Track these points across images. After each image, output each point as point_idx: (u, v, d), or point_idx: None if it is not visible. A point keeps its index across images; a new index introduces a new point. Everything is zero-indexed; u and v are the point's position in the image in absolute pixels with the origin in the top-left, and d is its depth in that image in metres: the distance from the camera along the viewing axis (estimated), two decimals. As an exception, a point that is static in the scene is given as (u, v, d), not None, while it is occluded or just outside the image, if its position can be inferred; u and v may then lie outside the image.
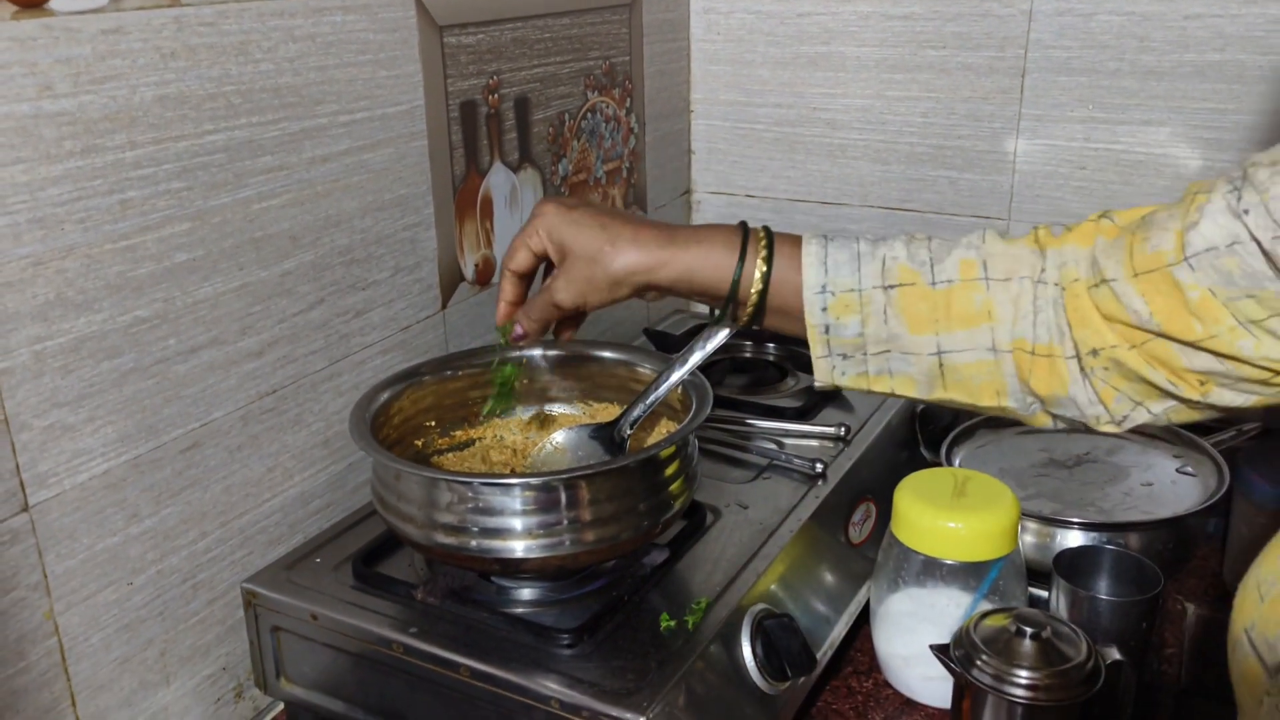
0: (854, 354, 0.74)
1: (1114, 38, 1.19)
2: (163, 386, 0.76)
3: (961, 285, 0.71)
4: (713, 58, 1.42)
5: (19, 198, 0.65)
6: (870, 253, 0.73)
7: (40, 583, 0.70)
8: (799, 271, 0.73)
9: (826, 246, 0.73)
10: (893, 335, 0.72)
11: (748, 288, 0.74)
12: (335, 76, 0.85)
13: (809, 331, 0.74)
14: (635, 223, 0.77)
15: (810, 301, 0.72)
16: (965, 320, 0.71)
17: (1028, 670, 0.72)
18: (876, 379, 0.74)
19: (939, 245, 0.73)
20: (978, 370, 0.72)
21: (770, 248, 0.74)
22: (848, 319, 0.72)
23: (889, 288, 0.72)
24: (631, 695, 0.68)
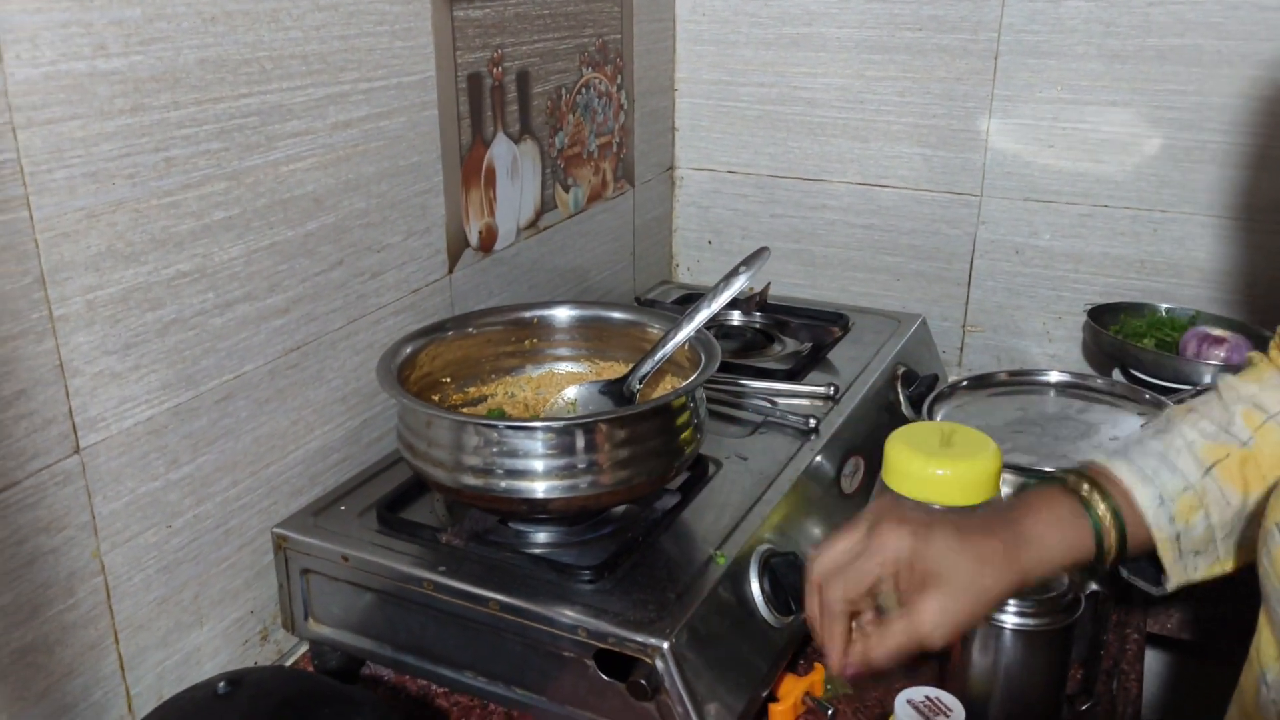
0: (1205, 548, 0.72)
1: (1082, 23, 1.26)
2: (201, 338, 0.79)
3: (1258, 434, 0.72)
4: (697, 37, 1.47)
5: (75, 152, 0.68)
6: (1171, 445, 0.73)
7: (89, 523, 0.73)
8: (1131, 502, 0.71)
9: (1132, 462, 0.72)
10: (1236, 513, 0.71)
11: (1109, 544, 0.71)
12: (356, 45, 0.89)
13: (1160, 545, 0.71)
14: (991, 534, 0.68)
15: (1154, 516, 0.71)
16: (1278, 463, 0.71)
17: (1015, 599, 0.78)
18: (1225, 562, 0.73)
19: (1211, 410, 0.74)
20: None
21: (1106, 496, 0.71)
22: (1194, 518, 0.71)
23: (1209, 470, 0.71)
24: (654, 623, 0.73)
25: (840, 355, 1.18)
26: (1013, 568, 0.67)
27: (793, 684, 0.84)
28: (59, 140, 0.66)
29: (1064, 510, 0.71)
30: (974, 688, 0.80)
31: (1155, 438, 0.74)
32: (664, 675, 0.72)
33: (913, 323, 1.28)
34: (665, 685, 0.72)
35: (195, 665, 0.84)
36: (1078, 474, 0.73)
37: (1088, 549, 0.70)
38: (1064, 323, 1.38)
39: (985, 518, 0.72)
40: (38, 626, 0.70)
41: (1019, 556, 0.67)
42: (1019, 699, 0.79)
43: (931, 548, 0.66)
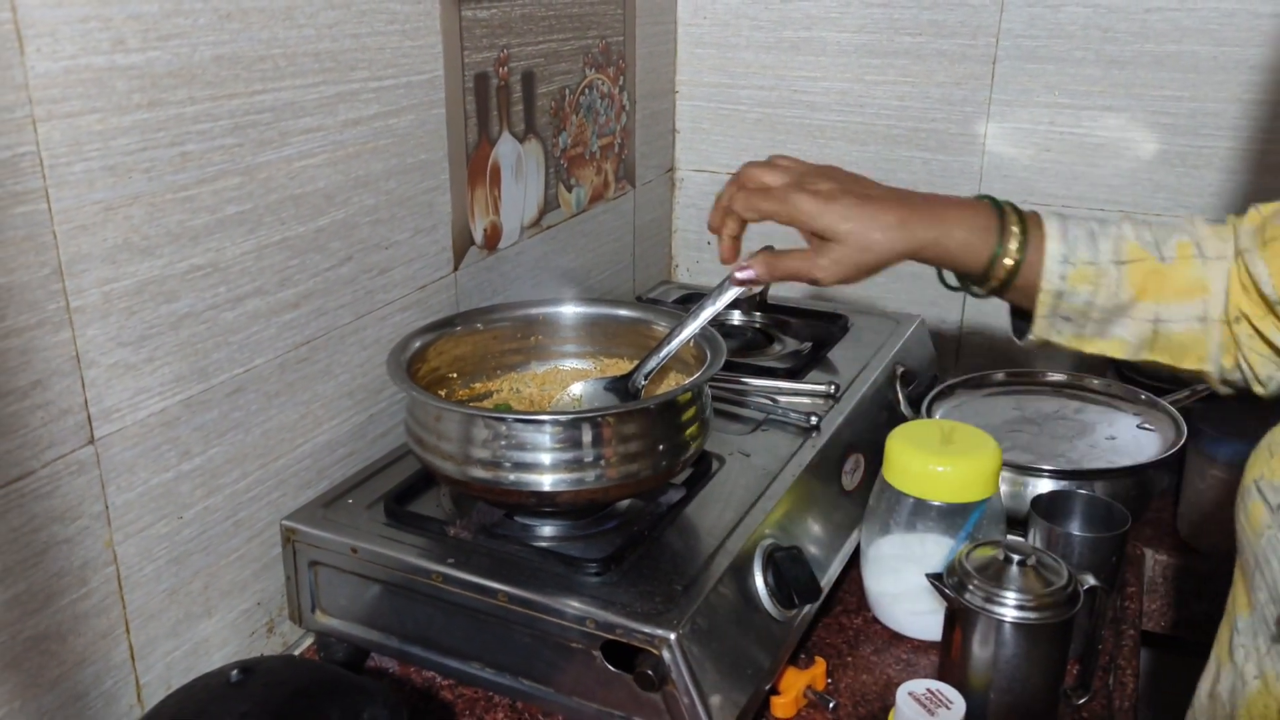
0: (1076, 318, 0.80)
1: (1080, 28, 1.28)
2: (213, 331, 0.80)
3: (1181, 261, 0.79)
4: (699, 41, 1.48)
5: (94, 145, 0.69)
6: (1102, 231, 0.80)
7: (102, 513, 0.74)
8: (1041, 249, 0.79)
9: (1065, 223, 0.80)
10: (1118, 306, 0.79)
11: (1000, 267, 0.79)
12: (367, 44, 0.90)
13: (1040, 295, 0.79)
14: (894, 204, 0.79)
15: (1051, 270, 0.78)
16: (1182, 293, 0.79)
17: (1015, 593, 0.79)
18: (1090, 340, 0.81)
19: (1159, 228, 0.81)
20: (1186, 338, 0.80)
21: (1024, 230, 0.79)
22: (1081, 288, 0.79)
23: (1120, 263, 0.79)
24: (662, 615, 0.75)
25: (840, 355, 1.20)
26: (904, 236, 0.78)
27: (795, 677, 0.85)
28: (78, 134, 0.67)
29: (981, 219, 0.80)
30: (973, 680, 0.81)
31: (1099, 222, 0.82)
32: (671, 666, 0.73)
33: (911, 323, 1.29)
34: (672, 676, 0.73)
35: (204, 656, 0.84)
36: (1015, 207, 0.81)
37: (981, 260, 0.79)
38: (1060, 325, 1.39)
39: (902, 193, 0.81)
40: (51, 615, 0.71)
41: (915, 228, 0.78)
42: (1017, 692, 0.81)
43: (830, 208, 0.78)
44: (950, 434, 0.95)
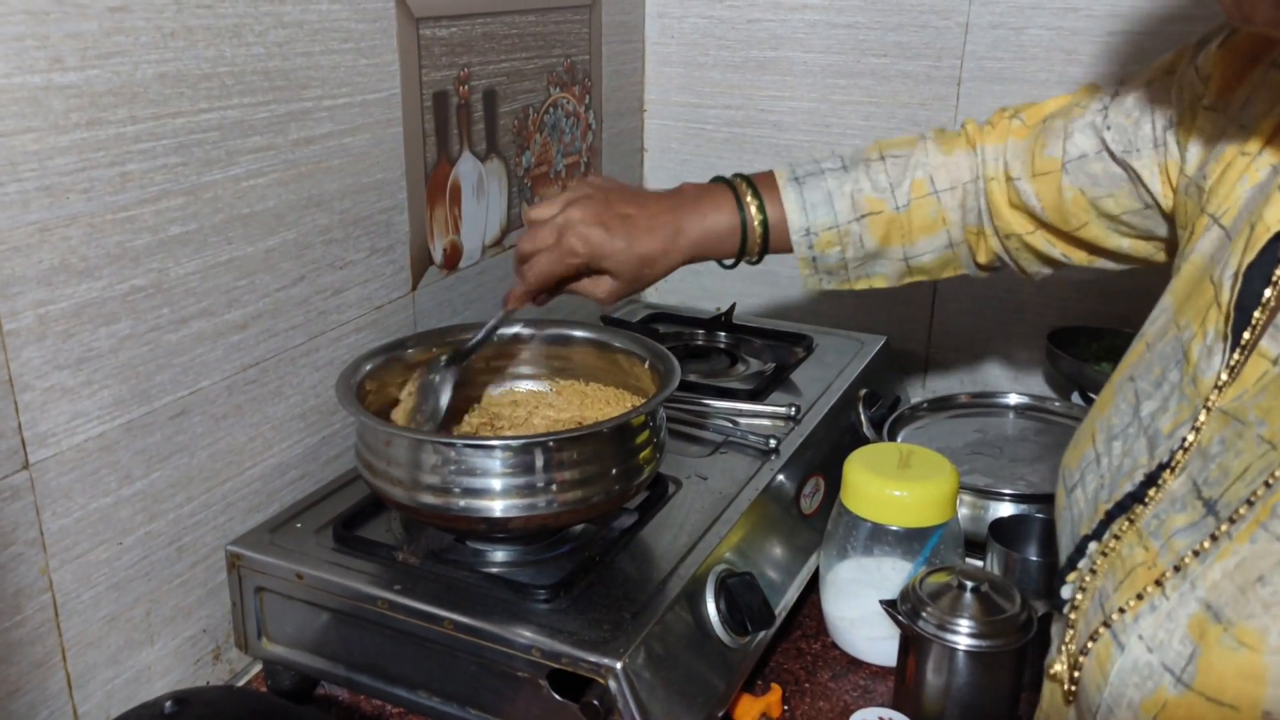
0: (837, 271, 0.93)
1: (1043, 50, 1.28)
2: (155, 354, 0.78)
3: (918, 202, 0.90)
4: (666, 60, 1.48)
5: (29, 165, 0.67)
6: (839, 189, 0.90)
7: (37, 539, 0.72)
8: (782, 214, 0.91)
9: (801, 190, 0.91)
10: (869, 254, 0.91)
11: (753, 242, 0.91)
12: (320, 62, 0.89)
13: (799, 261, 0.92)
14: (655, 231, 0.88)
15: (798, 242, 0.91)
16: (925, 229, 0.91)
17: (968, 620, 0.79)
18: (856, 282, 0.94)
19: (893, 165, 0.91)
20: (939, 261, 0.93)
21: (761, 203, 0.90)
22: (830, 250, 0.91)
23: (860, 218, 0.90)
24: (608, 643, 0.73)
25: (803, 376, 1.19)
26: (668, 262, 0.89)
27: (749, 704, 0.84)
28: (11, 154, 0.66)
29: (721, 206, 0.90)
30: (927, 708, 0.81)
31: (836, 173, 0.91)
32: (617, 696, 0.71)
33: (876, 344, 1.28)
34: (618, 706, 0.72)
35: (145, 684, 0.83)
36: (749, 182, 0.92)
37: (735, 243, 0.91)
38: (1025, 346, 1.39)
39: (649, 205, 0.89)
40: (-18, 644, 0.69)
41: (678, 247, 0.89)
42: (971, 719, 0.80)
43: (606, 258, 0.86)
44: (908, 458, 0.94)
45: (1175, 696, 0.51)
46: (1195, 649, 0.50)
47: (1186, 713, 0.50)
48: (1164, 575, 0.54)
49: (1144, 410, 0.62)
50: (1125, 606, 0.56)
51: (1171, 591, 0.53)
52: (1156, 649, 0.52)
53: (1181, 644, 0.51)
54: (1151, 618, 0.54)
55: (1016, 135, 0.88)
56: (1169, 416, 0.60)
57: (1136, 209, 0.80)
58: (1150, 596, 0.54)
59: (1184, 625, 0.51)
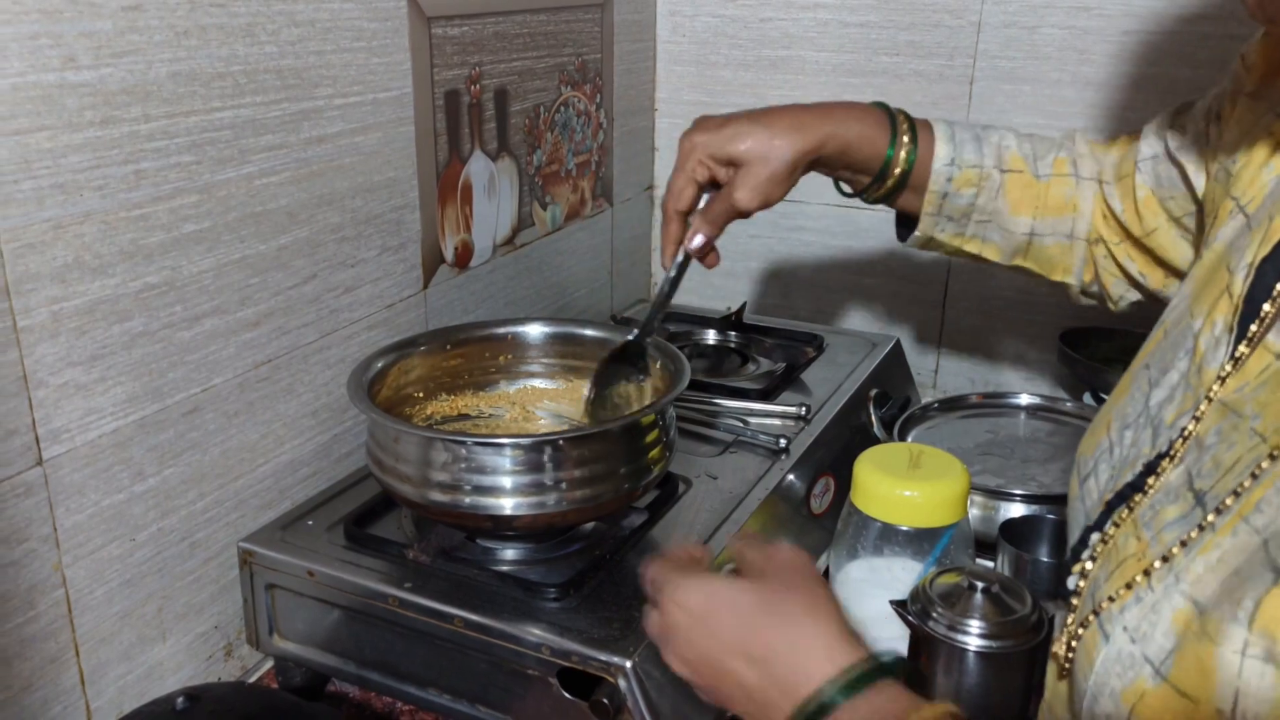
0: (960, 219, 0.88)
1: (1056, 50, 1.27)
2: (168, 351, 0.79)
3: (1057, 179, 0.87)
4: (677, 58, 1.48)
5: (43, 163, 0.68)
6: (987, 136, 0.87)
7: (50, 535, 0.73)
8: (930, 149, 0.86)
9: (952, 127, 0.87)
10: (997, 210, 0.87)
11: (895, 164, 0.86)
12: (332, 61, 0.89)
13: (927, 195, 0.86)
14: (787, 112, 0.83)
15: (938, 172, 0.86)
16: (1058, 209, 0.87)
17: (979, 621, 0.78)
18: (970, 240, 0.89)
19: (1040, 141, 0.88)
20: (1056, 251, 0.89)
21: (914, 131, 0.86)
22: (965, 190, 0.86)
23: (1003, 170, 0.86)
24: (618, 642, 0.73)
25: (814, 376, 1.19)
26: (802, 136, 0.81)
27: (758, 704, 0.84)
28: (26, 151, 0.66)
29: (874, 117, 0.85)
30: (938, 709, 0.80)
31: (985, 128, 0.88)
32: (627, 694, 0.71)
33: (887, 344, 1.28)
34: (628, 704, 0.72)
35: (157, 680, 0.83)
36: (907, 115, 0.87)
37: (878, 154, 0.85)
38: (1037, 346, 1.39)
39: (797, 105, 0.84)
40: (-4, 639, 0.70)
41: (810, 127, 0.81)
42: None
43: (724, 134, 0.80)
44: (919, 458, 0.94)
45: (1153, 688, 0.51)
46: (1177, 643, 0.50)
47: (1161, 704, 0.50)
48: (1152, 566, 0.54)
49: (1153, 399, 0.63)
50: (1114, 596, 0.56)
51: (1157, 583, 0.53)
52: (1140, 640, 0.52)
53: (1164, 637, 0.51)
54: (1137, 609, 0.54)
55: (1122, 144, 0.88)
56: (1174, 406, 0.60)
57: (1191, 211, 0.80)
58: (1137, 587, 0.55)
59: (1168, 618, 0.51)
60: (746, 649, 0.57)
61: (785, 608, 0.57)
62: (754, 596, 0.58)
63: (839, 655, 0.54)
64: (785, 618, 0.56)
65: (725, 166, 0.82)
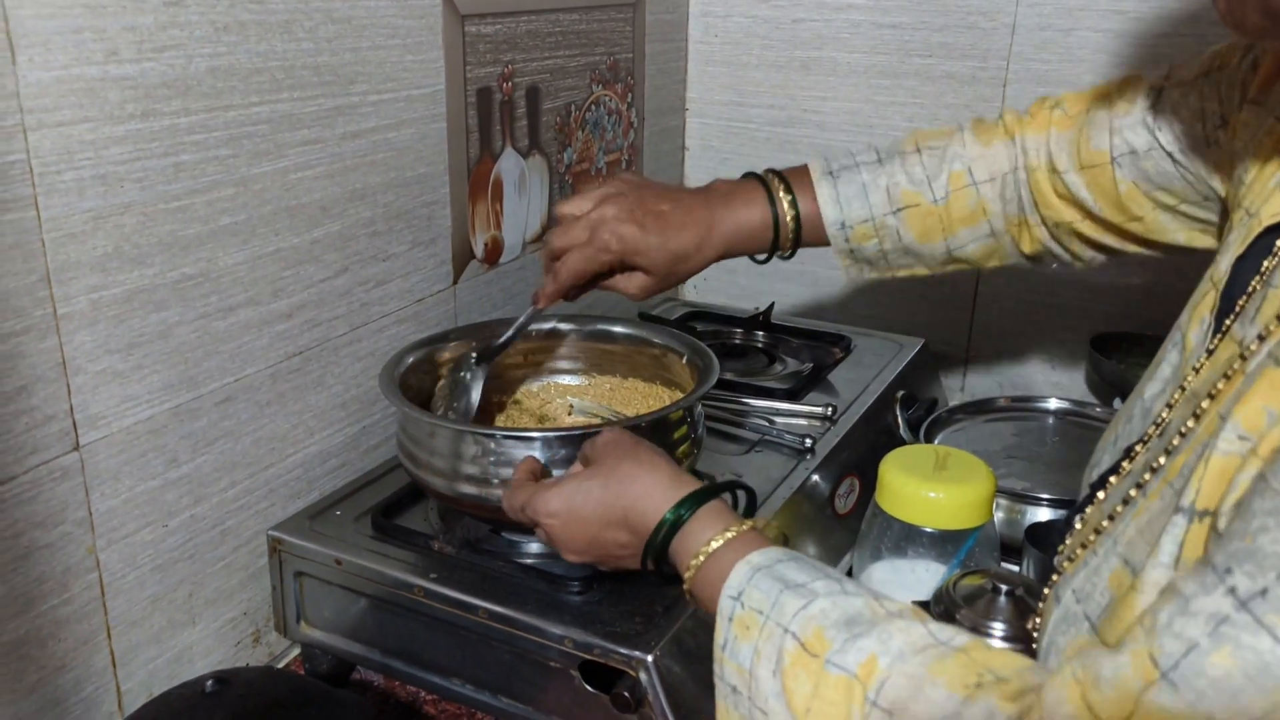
0: (876, 261, 0.92)
1: (1091, 53, 1.27)
2: (203, 341, 0.80)
3: (956, 194, 0.88)
4: (709, 59, 1.48)
5: (85, 155, 0.69)
6: (873, 182, 0.89)
7: (85, 519, 0.74)
8: (815, 207, 0.89)
9: (836, 184, 0.89)
10: (907, 247, 0.90)
11: (785, 236, 0.90)
12: (367, 58, 0.91)
13: (836, 252, 0.91)
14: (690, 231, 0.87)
15: (834, 236, 0.90)
16: (966, 220, 0.89)
17: (1002, 623, 0.78)
18: (898, 271, 0.93)
19: (929, 157, 0.89)
20: (982, 250, 0.91)
21: (794, 198, 0.89)
22: (867, 243, 0.90)
23: (897, 211, 0.89)
24: (640, 636, 0.74)
25: (840, 376, 1.19)
26: (701, 259, 0.88)
27: (779, 702, 0.84)
28: (69, 143, 0.68)
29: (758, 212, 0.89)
30: None
31: (871, 166, 0.90)
32: (647, 688, 0.72)
33: (914, 346, 1.28)
34: (649, 698, 0.72)
35: (187, 664, 0.84)
36: (781, 177, 0.90)
37: (767, 240, 0.90)
38: (1067, 350, 1.38)
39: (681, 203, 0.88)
40: (31, 620, 0.71)
41: (711, 243, 0.88)
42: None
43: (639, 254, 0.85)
44: (944, 460, 0.94)
45: (1087, 640, 0.52)
46: (1111, 597, 0.52)
47: None
48: (1090, 537, 0.55)
49: (1147, 391, 0.64)
50: (1061, 568, 0.57)
51: (1100, 548, 0.55)
52: (1083, 600, 0.54)
53: (1101, 595, 0.52)
54: (1084, 573, 0.55)
55: (1059, 126, 0.87)
56: (1163, 399, 0.61)
57: (1195, 200, 0.79)
58: (1080, 557, 0.56)
59: (1105, 578, 0.53)
60: (609, 519, 0.69)
61: (621, 475, 0.69)
62: (597, 479, 0.69)
63: (671, 492, 0.67)
64: (625, 481, 0.68)
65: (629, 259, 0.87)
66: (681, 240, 0.87)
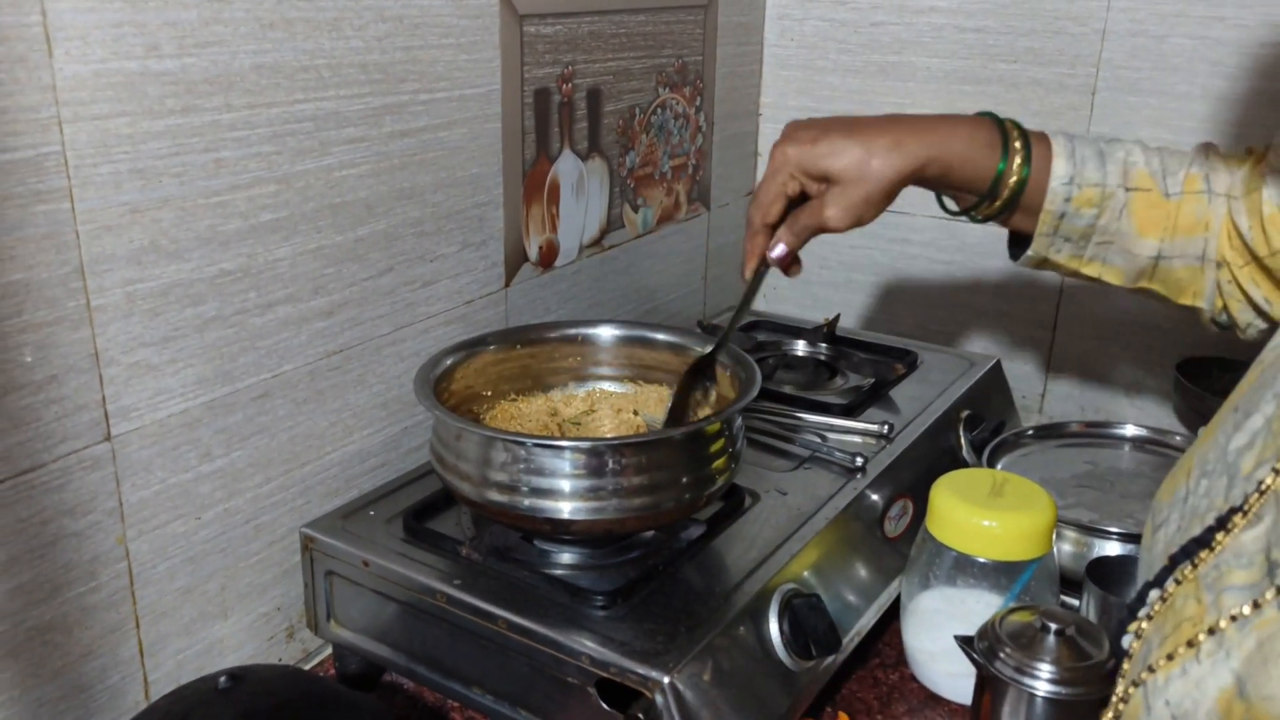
0: (1077, 240, 0.80)
1: (1186, 61, 1.19)
2: (240, 336, 0.80)
3: (1188, 197, 0.79)
4: (784, 63, 1.45)
5: (122, 148, 0.70)
6: (1111, 153, 0.79)
7: (115, 509, 0.75)
8: (1046, 167, 0.78)
9: (1074, 142, 0.79)
10: (1121, 232, 0.79)
11: (1005, 185, 0.78)
12: (419, 57, 0.90)
13: (1043, 214, 0.79)
14: (887, 128, 0.77)
15: (1055, 191, 0.78)
16: (1189, 229, 0.79)
17: (1049, 664, 0.73)
18: (1088, 263, 0.82)
19: (1170, 156, 0.80)
20: (1185, 274, 0.81)
21: (1028, 146, 0.78)
22: (1086, 210, 0.78)
23: (1129, 189, 0.78)
24: (659, 656, 0.71)
25: (903, 393, 1.14)
26: (901, 157, 0.75)
27: (811, 732, 0.80)
28: (106, 136, 0.68)
29: (983, 134, 0.78)
30: (1000, 755, 0.76)
31: (1111, 141, 0.80)
32: (663, 710, 0.69)
33: (986, 364, 1.22)
34: (664, 721, 0.70)
35: (217, 656, 0.85)
36: (1019, 125, 0.80)
37: (985, 177, 0.78)
38: (1154, 374, 1.30)
39: (896, 116, 0.79)
40: (57, 606, 0.72)
41: (910, 146, 0.75)
42: (1049, 771, 0.74)
43: (818, 150, 0.76)
44: (1002, 486, 0.89)
45: None
46: None
47: None
48: (1198, 637, 0.49)
49: (1232, 444, 0.56)
50: (1156, 666, 0.50)
51: (1206, 657, 0.48)
52: (1181, 718, 0.47)
53: (1207, 717, 0.46)
54: (1182, 682, 0.48)
55: (1255, 155, 0.79)
56: (1253, 455, 0.54)
57: None
58: (1183, 659, 0.49)
59: (1213, 697, 0.46)
60: None
61: None
62: None
63: None
64: None
65: (817, 181, 0.78)
66: (873, 133, 0.76)
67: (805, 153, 0.77)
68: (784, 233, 0.81)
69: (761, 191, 0.80)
